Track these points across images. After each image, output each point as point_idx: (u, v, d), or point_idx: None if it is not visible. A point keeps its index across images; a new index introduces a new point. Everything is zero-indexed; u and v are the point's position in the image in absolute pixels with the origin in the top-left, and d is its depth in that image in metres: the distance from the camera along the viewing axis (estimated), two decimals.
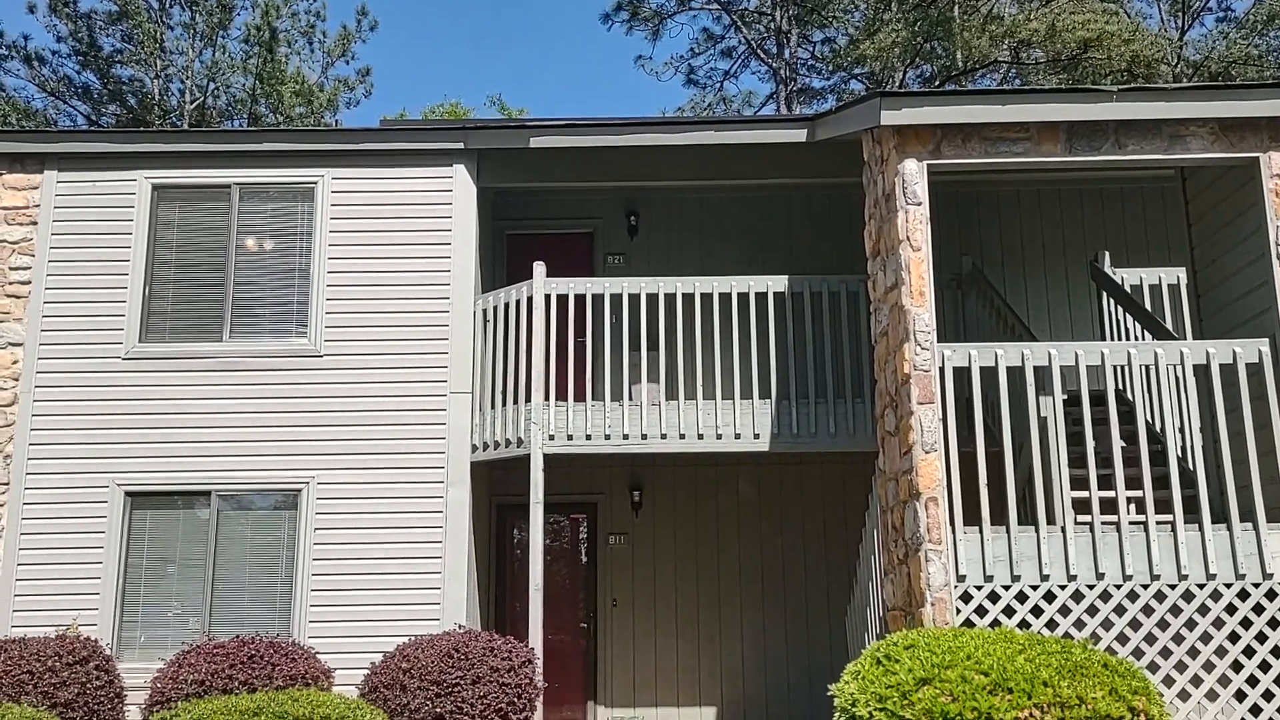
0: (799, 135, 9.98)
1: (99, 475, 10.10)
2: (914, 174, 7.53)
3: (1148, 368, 7.50)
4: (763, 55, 31.95)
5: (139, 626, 9.93)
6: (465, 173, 10.67)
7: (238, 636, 8.75)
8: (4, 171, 10.66)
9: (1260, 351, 7.30)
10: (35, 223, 10.56)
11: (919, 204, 7.49)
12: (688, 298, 10.18)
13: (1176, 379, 7.95)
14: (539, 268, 10.06)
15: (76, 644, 8.54)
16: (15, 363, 10.27)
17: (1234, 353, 7.30)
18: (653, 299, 10.17)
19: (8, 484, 10.03)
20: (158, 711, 7.80)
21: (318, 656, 8.87)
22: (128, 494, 10.10)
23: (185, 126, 28.78)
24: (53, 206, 10.62)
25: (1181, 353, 7.36)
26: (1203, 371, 7.52)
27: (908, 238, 7.46)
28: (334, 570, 9.91)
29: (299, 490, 10.09)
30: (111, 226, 10.61)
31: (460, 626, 9.11)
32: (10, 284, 10.42)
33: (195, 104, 30.51)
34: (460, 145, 10.63)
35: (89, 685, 8.29)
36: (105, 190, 10.69)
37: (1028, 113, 7.51)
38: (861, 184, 8.91)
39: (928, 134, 7.61)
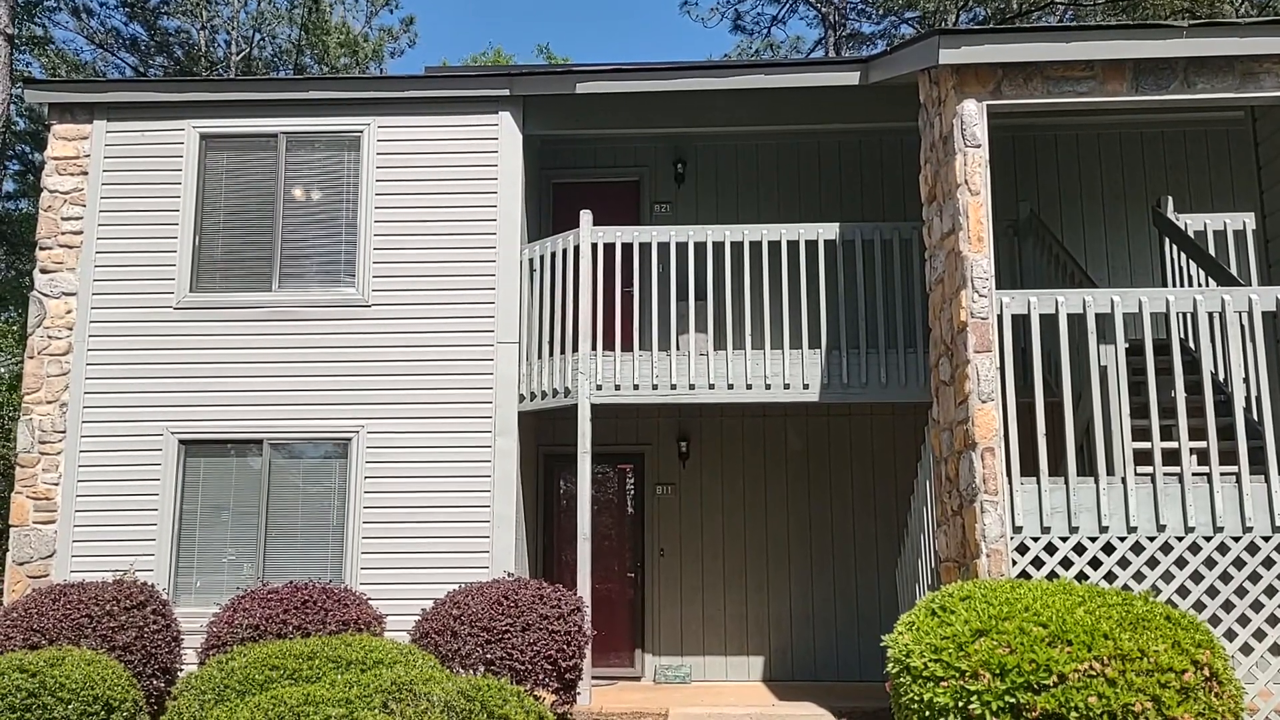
0: (851, 78, 9.74)
1: (153, 423, 10.22)
2: (973, 115, 7.30)
3: (1213, 315, 7.26)
4: (811, 0, 31.30)
5: (194, 572, 10.09)
6: (511, 120, 10.55)
7: (291, 582, 8.84)
8: (54, 122, 10.71)
9: None
10: (86, 173, 10.60)
11: (978, 146, 7.27)
12: (736, 246, 10.04)
13: (1243, 327, 7.69)
14: (585, 216, 9.96)
15: (134, 588, 8.67)
16: (69, 312, 10.37)
17: None
18: (700, 248, 10.04)
19: (64, 432, 10.18)
20: (214, 654, 7.92)
21: (369, 602, 8.94)
22: (181, 442, 10.21)
23: (232, 76, 28.85)
24: (102, 157, 10.65)
25: (1250, 299, 7.12)
26: (1271, 319, 7.28)
27: (966, 181, 7.25)
28: (384, 518, 9.98)
29: (349, 439, 10.15)
30: (161, 176, 10.64)
31: (509, 574, 9.15)
32: (63, 234, 10.50)
33: (241, 55, 30.54)
34: (506, 92, 10.49)
35: (146, 629, 8.42)
36: (154, 140, 10.70)
37: (1093, 50, 7.24)
38: (915, 128, 8.68)
39: (988, 73, 7.37)
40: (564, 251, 10.07)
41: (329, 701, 5.29)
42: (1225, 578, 6.82)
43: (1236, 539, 6.83)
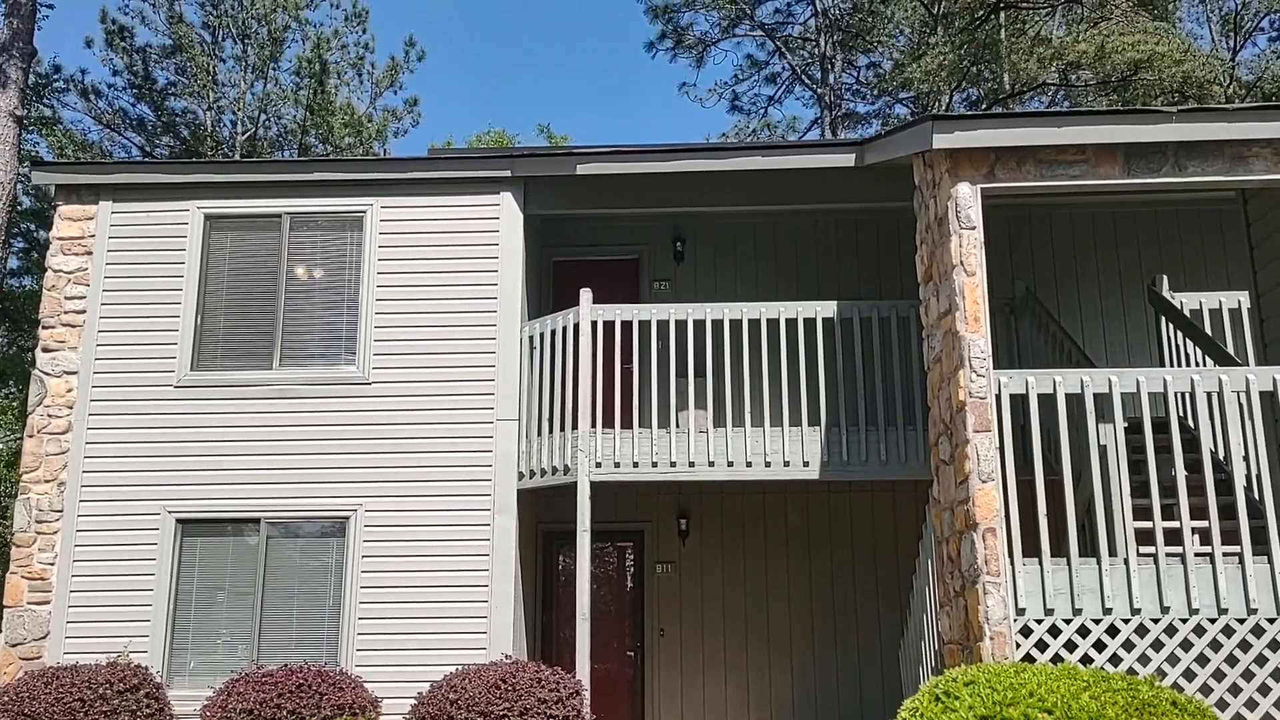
0: (848, 160, 9.90)
1: (151, 502, 10.17)
2: (967, 198, 7.40)
3: (1210, 395, 7.28)
4: (807, 81, 31.92)
5: (189, 653, 9.96)
6: (512, 200, 10.69)
7: (286, 665, 8.74)
8: (60, 203, 10.84)
9: None
10: (90, 253, 10.71)
11: (973, 228, 7.36)
12: (735, 324, 10.10)
13: (1241, 406, 7.72)
14: (585, 294, 10.04)
15: (127, 671, 8.57)
16: (70, 391, 10.39)
17: None
18: (700, 325, 10.10)
19: (61, 511, 10.13)
20: None
21: (365, 685, 8.83)
22: (179, 521, 10.16)
23: (237, 157, 29.27)
24: (107, 237, 10.77)
25: (1247, 379, 7.15)
26: (1269, 398, 7.30)
27: (961, 263, 7.33)
28: (381, 598, 9.89)
29: (347, 518, 10.10)
30: (164, 256, 10.74)
31: (507, 656, 9.04)
32: (66, 313, 10.57)
33: (246, 135, 31.03)
34: (507, 173, 10.65)
35: (139, 713, 8.32)
36: (159, 220, 10.83)
37: (1084, 134, 7.36)
38: (911, 208, 8.79)
39: (981, 157, 7.49)
40: (564, 329, 10.13)
41: None
42: (1231, 660, 6.74)
43: (1241, 621, 6.76)
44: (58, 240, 10.76)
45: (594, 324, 10.01)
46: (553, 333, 10.25)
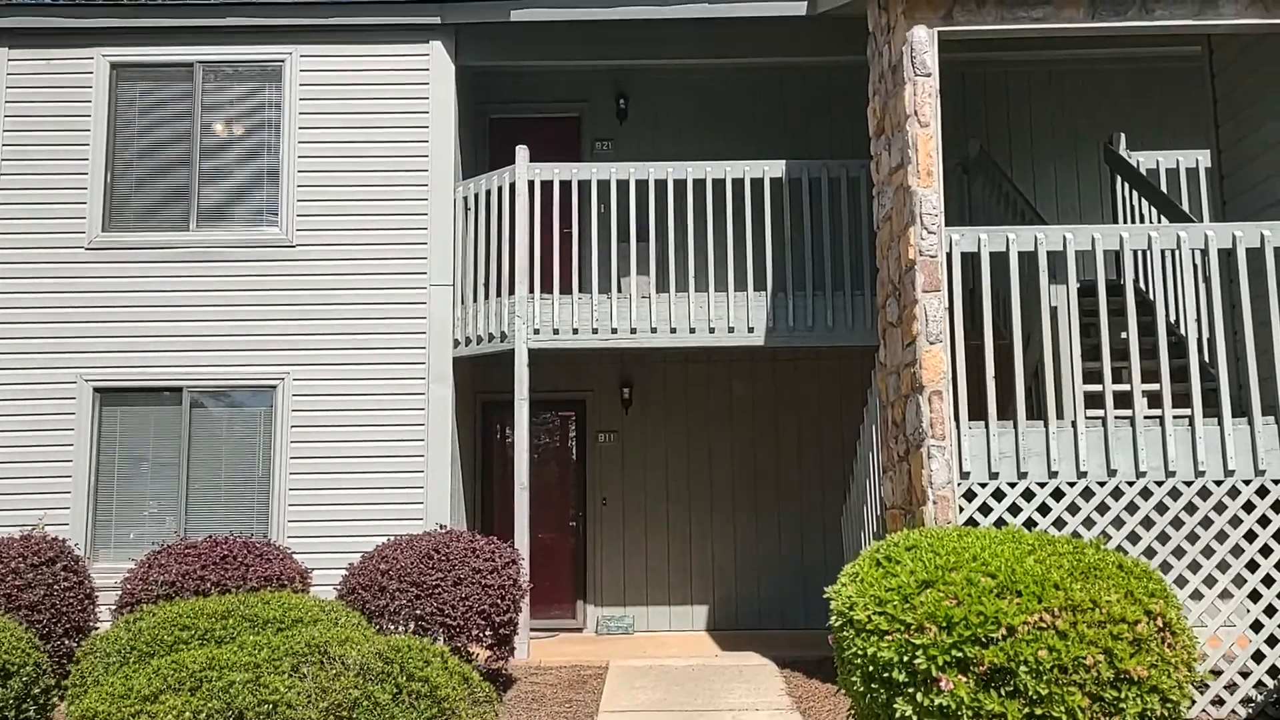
0: (799, 7, 9.35)
1: (65, 370, 9.70)
2: (924, 42, 6.93)
3: (1166, 254, 7.01)
4: None
5: (112, 526, 9.63)
6: (443, 50, 10.03)
7: (210, 536, 8.42)
8: None
9: None
10: None
11: (928, 75, 6.91)
12: (679, 184, 9.67)
13: (1196, 266, 7.47)
14: (521, 152, 9.53)
15: (43, 544, 8.18)
16: None
17: (1262, 236, 6.80)
18: (642, 185, 9.66)
19: None
20: (124, 614, 7.50)
21: (294, 557, 8.55)
22: (96, 390, 9.70)
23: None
24: (5, 86, 10.01)
25: (1206, 236, 6.87)
26: (1227, 256, 7.04)
27: (915, 112, 6.90)
28: (312, 469, 9.57)
29: (274, 386, 9.70)
30: (69, 108, 10.02)
31: (441, 527, 8.79)
32: None
33: None
34: (437, 20, 9.96)
35: (56, 586, 7.96)
36: (61, 69, 10.08)
37: None
38: (864, 62, 8.31)
39: None
40: (499, 189, 9.63)
41: (235, 666, 4.92)
42: (1176, 523, 6.63)
43: (1189, 483, 6.63)
44: None
45: (531, 184, 9.53)
46: (488, 193, 9.75)
